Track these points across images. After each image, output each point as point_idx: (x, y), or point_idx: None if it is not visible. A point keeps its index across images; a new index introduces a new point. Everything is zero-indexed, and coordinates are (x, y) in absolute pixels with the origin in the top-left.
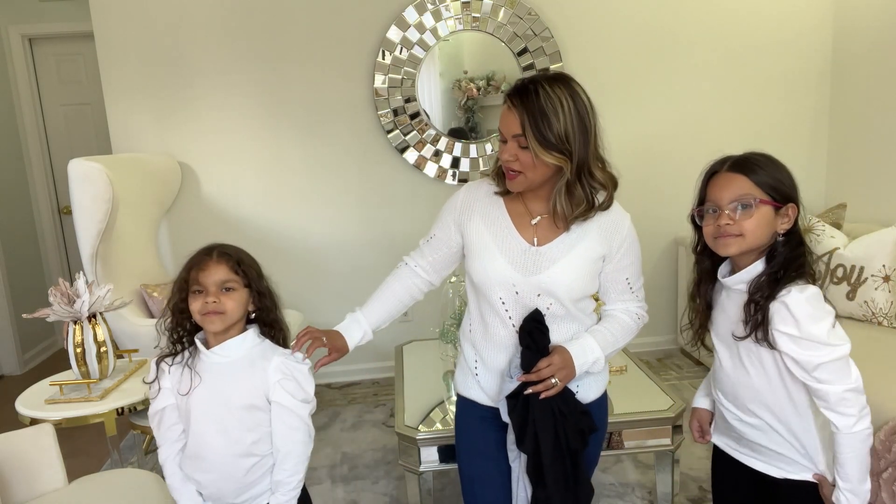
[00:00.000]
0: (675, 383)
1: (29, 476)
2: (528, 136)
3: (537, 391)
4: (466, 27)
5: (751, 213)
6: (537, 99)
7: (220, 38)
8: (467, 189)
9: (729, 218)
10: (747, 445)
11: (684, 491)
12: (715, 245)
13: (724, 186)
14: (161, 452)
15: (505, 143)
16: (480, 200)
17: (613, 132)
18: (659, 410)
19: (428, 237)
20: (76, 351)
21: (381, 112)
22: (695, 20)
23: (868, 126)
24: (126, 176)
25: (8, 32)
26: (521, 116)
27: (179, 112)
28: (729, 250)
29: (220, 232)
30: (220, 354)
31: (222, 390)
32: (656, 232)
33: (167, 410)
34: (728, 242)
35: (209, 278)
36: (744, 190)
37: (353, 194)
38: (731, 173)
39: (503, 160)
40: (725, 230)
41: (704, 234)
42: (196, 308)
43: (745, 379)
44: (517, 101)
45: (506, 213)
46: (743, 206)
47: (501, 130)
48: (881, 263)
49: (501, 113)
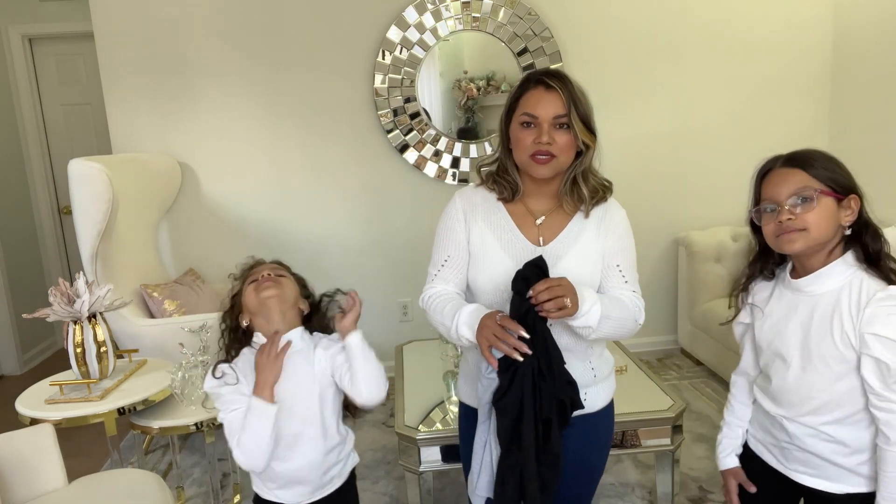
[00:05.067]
0: (675, 383)
1: (29, 476)
2: (572, 116)
3: (547, 309)
4: (466, 27)
5: (812, 205)
6: (571, 82)
7: (220, 37)
8: (461, 196)
9: (790, 213)
10: (797, 460)
11: (684, 491)
12: (778, 244)
13: (781, 182)
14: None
15: (529, 128)
16: (479, 206)
17: (613, 132)
18: (659, 410)
19: (440, 263)
20: (76, 351)
21: (381, 112)
22: (695, 21)
23: (868, 126)
24: (126, 176)
25: (8, 32)
26: (566, 96)
27: (179, 112)
28: (794, 246)
29: (220, 232)
30: (282, 340)
31: (295, 372)
32: (656, 232)
33: (241, 387)
34: (793, 238)
35: (263, 269)
36: (802, 183)
37: (353, 194)
38: (787, 168)
39: (540, 143)
40: (788, 226)
41: (765, 233)
42: (251, 289)
43: (818, 383)
44: (557, 82)
45: (508, 217)
46: (804, 199)
47: (536, 113)
48: None
49: (532, 96)
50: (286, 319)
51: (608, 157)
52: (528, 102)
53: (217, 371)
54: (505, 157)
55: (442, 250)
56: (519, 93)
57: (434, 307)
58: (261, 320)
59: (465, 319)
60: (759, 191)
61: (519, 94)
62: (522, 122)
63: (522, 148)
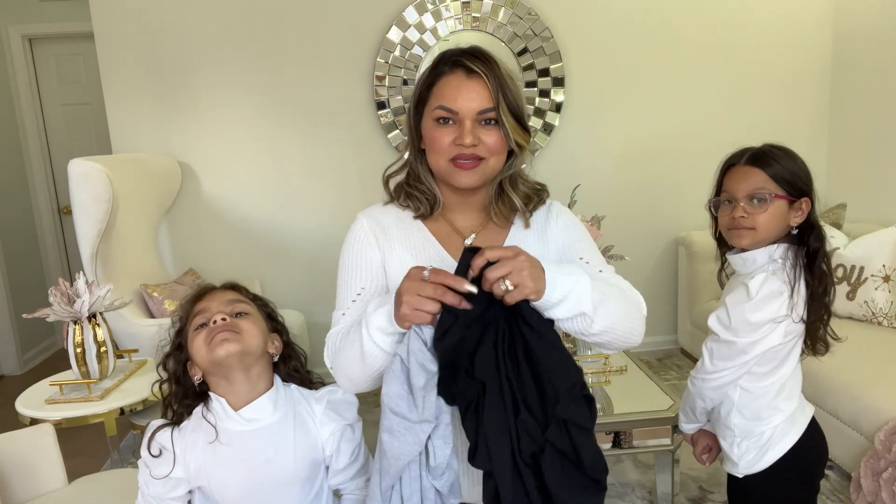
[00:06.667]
0: (675, 383)
1: (29, 476)
2: (501, 109)
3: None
4: (466, 27)
5: (765, 206)
6: (497, 65)
7: (220, 37)
8: (367, 218)
9: (744, 211)
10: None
11: (684, 491)
12: (728, 236)
13: (741, 179)
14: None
15: (447, 125)
16: (393, 228)
17: (613, 132)
18: (659, 410)
19: (352, 298)
20: (76, 351)
21: (381, 112)
22: (695, 21)
23: (868, 126)
24: (126, 176)
25: (8, 32)
26: (493, 83)
27: (179, 112)
28: (742, 242)
29: (220, 232)
30: (249, 419)
31: (268, 459)
32: (656, 232)
33: (169, 483)
34: (741, 234)
35: (213, 301)
36: (759, 184)
37: (353, 194)
38: (748, 166)
39: (462, 144)
40: (739, 223)
41: (720, 224)
42: (200, 342)
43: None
44: (481, 65)
45: (432, 238)
46: (758, 199)
47: (456, 107)
48: (881, 263)
49: (449, 83)
50: (251, 376)
51: (609, 157)
52: (445, 92)
53: (153, 445)
54: (416, 161)
55: (353, 282)
56: (431, 78)
57: (339, 347)
58: (217, 379)
59: (372, 309)
60: (721, 182)
61: (432, 81)
62: (438, 117)
63: (439, 150)
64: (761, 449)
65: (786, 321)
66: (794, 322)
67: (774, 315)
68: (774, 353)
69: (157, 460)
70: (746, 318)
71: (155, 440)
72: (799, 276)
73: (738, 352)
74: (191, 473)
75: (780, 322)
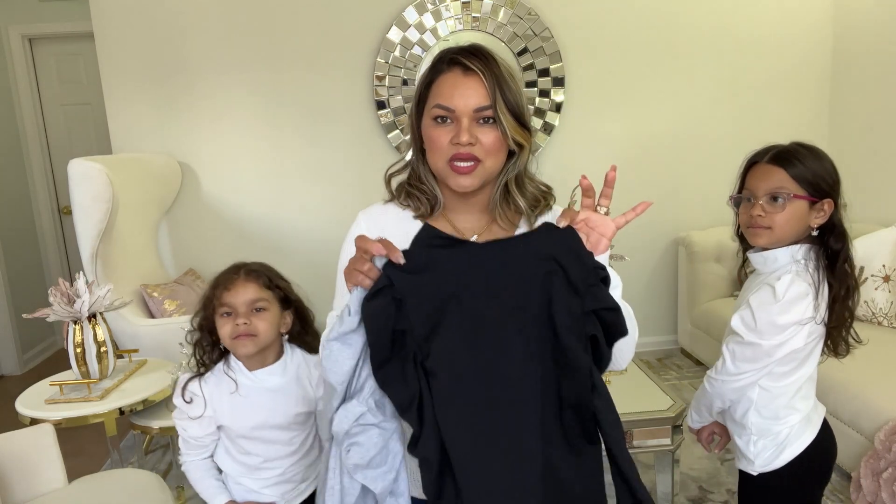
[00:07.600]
0: (675, 383)
1: (29, 476)
2: (498, 108)
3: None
4: (466, 27)
5: (783, 206)
6: (496, 62)
7: (220, 37)
8: (367, 218)
9: (762, 209)
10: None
11: (684, 491)
12: (746, 233)
13: (762, 178)
14: (188, 456)
15: (445, 124)
16: (392, 228)
17: (613, 132)
18: (659, 410)
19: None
20: (76, 351)
21: (381, 112)
22: (695, 21)
23: (868, 126)
24: (126, 176)
25: (8, 32)
26: (490, 81)
27: (180, 112)
28: (758, 241)
29: (220, 232)
30: (262, 379)
31: (274, 409)
32: (656, 232)
33: (204, 422)
34: (759, 233)
35: (238, 298)
36: (779, 183)
37: (354, 194)
38: (770, 165)
39: (459, 143)
40: (757, 221)
41: (740, 221)
42: (226, 332)
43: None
44: (478, 63)
45: None
46: (777, 199)
47: (452, 105)
48: (881, 263)
49: (446, 82)
50: (263, 353)
51: (609, 158)
52: (442, 90)
53: (186, 393)
54: (418, 161)
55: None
56: (430, 77)
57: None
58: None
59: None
60: (744, 179)
61: (430, 80)
62: (436, 116)
63: (438, 150)
64: (778, 447)
65: (809, 323)
66: (817, 324)
67: (801, 317)
68: (796, 353)
69: (189, 406)
70: (773, 321)
71: (187, 389)
72: (823, 278)
73: (762, 354)
74: (217, 414)
75: (805, 324)
